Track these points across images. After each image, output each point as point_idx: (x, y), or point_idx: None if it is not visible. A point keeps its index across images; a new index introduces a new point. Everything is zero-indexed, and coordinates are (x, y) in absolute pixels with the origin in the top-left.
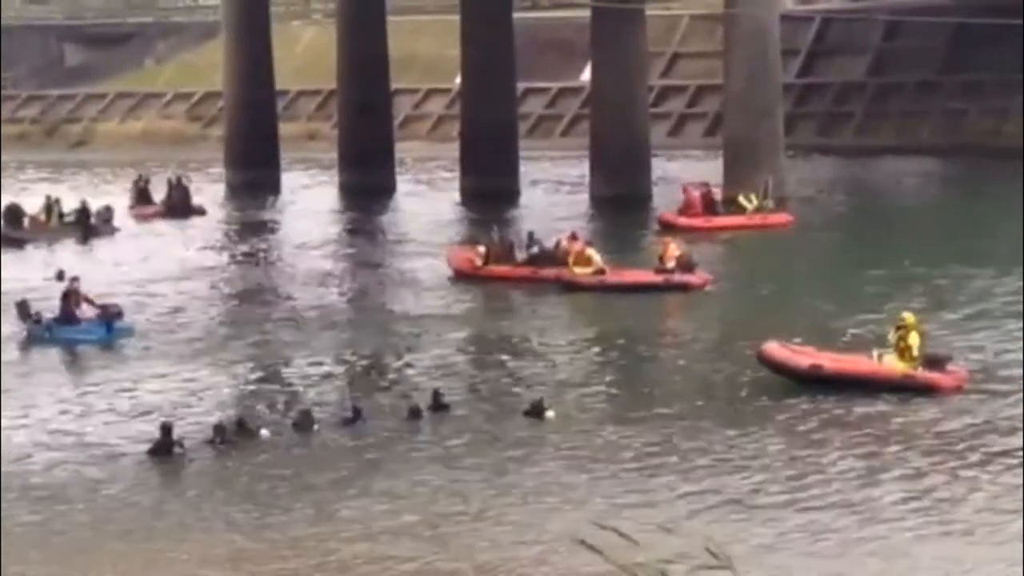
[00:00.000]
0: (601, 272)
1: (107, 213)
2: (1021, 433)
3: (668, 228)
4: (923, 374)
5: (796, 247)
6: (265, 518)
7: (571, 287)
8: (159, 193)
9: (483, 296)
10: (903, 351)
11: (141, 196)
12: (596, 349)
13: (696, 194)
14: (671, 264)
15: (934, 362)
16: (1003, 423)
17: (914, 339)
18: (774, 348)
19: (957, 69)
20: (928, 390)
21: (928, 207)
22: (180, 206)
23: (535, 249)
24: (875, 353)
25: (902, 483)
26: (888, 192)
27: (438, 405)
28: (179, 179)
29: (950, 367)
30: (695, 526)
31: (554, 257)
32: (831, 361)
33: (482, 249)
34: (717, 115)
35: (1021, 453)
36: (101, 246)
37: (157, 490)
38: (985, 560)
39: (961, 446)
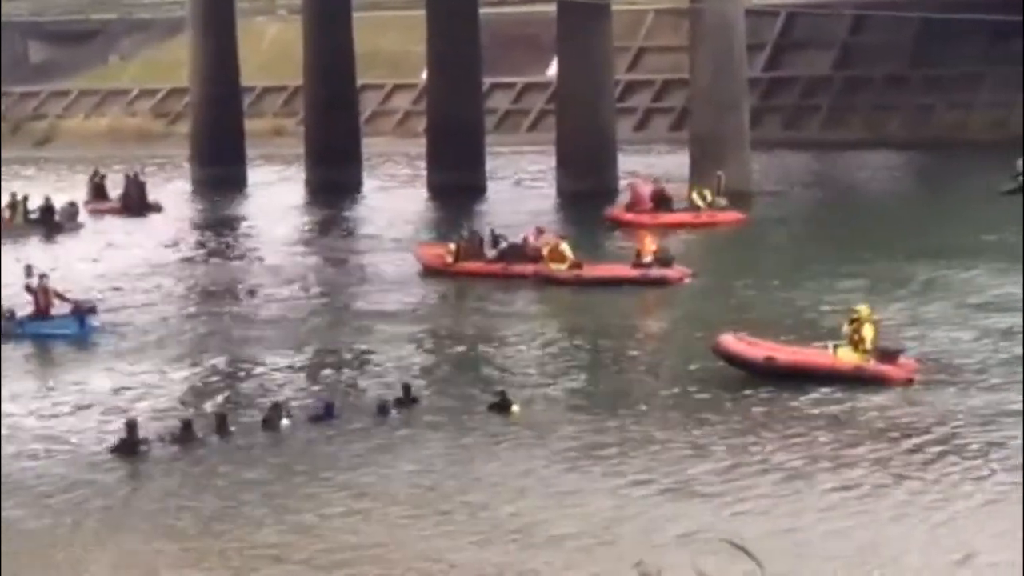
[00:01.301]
0: (578, 267)
1: (72, 209)
2: (1021, 428)
3: (615, 225)
4: (874, 366)
5: (766, 241)
6: (226, 517)
7: (547, 282)
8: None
9: (455, 292)
10: (857, 343)
11: (97, 192)
12: (567, 343)
13: (643, 190)
14: (648, 259)
15: (886, 354)
16: (951, 414)
17: (868, 331)
18: (729, 341)
19: (924, 63)
20: (879, 382)
21: (895, 201)
22: (136, 202)
23: (503, 244)
24: (830, 345)
25: (834, 472)
26: (855, 186)
27: (408, 400)
28: (135, 175)
29: (902, 359)
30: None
31: (524, 253)
32: (785, 354)
33: (452, 246)
34: (683, 109)
35: (1021, 450)
36: (66, 243)
37: (120, 488)
38: (926, 544)
39: (900, 436)
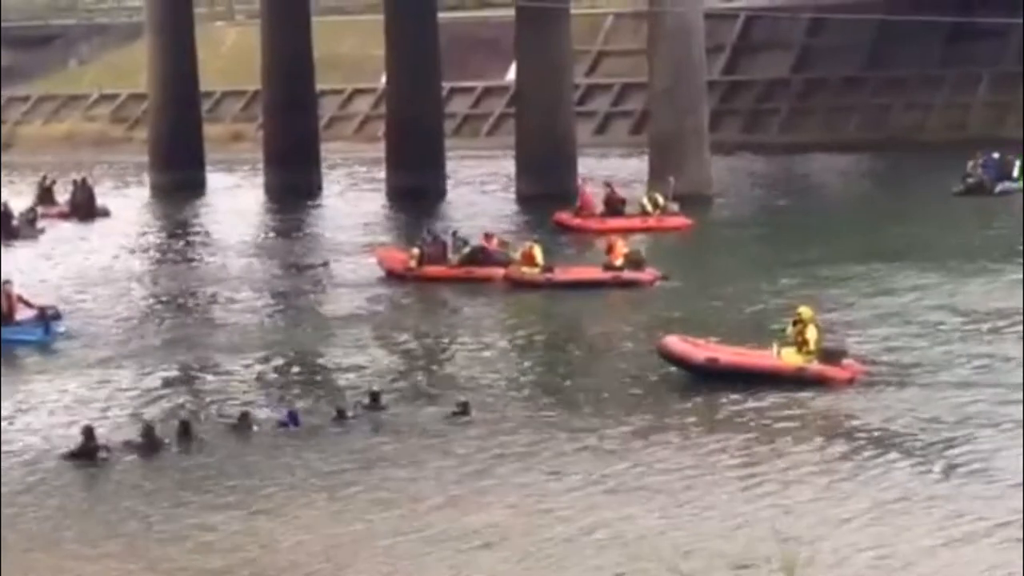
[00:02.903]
0: (549, 270)
1: (31, 215)
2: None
3: (562, 229)
4: (816, 367)
5: (729, 244)
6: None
7: (518, 285)
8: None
9: (419, 296)
10: (801, 345)
11: (45, 196)
12: (534, 347)
13: (591, 195)
14: (619, 262)
15: (830, 355)
16: (886, 413)
17: (811, 333)
18: (673, 341)
19: (881, 65)
20: (821, 383)
21: (853, 204)
22: (84, 207)
23: (467, 249)
24: (775, 346)
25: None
26: (813, 188)
27: (374, 406)
28: (83, 180)
29: (845, 361)
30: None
31: (489, 257)
32: (727, 354)
33: (415, 250)
34: (643, 113)
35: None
36: (25, 248)
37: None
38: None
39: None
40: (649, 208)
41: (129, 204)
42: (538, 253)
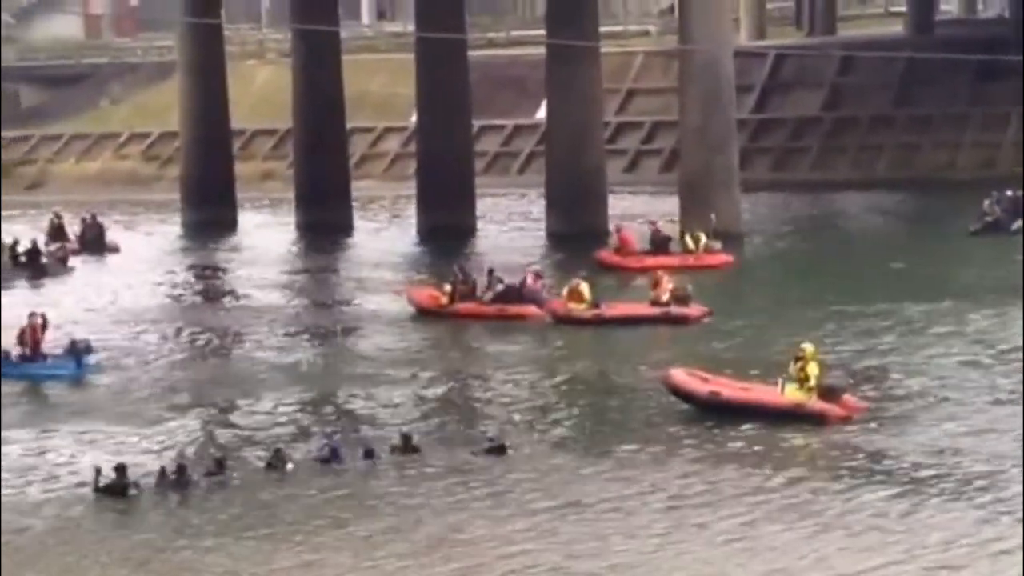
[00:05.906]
0: (596, 307)
1: (62, 252)
2: None
3: (605, 268)
4: (814, 403)
5: (763, 281)
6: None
7: (565, 322)
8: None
9: (451, 334)
10: (802, 381)
11: (56, 233)
12: (566, 382)
13: (629, 233)
14: (665, 297)
15: (828, 392)
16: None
17: (812, 369)
18: (678, 375)
19: (910, 103)
20: (818, 419)
21: (877, 241)
22: (94, 243)
23: (500, 287)
24: (780, 382)
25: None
26: (841, 226)
27: (407, 447)
28: (93, 216)
29: (845, 398)
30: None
31: (521, 294)
32: (730, 389)
33: (448, 287)
34: (673, 151)
35: None
36: (54, 286)
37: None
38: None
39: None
40: (691, 245)
41: (159, 242)
42: (585, 290)
